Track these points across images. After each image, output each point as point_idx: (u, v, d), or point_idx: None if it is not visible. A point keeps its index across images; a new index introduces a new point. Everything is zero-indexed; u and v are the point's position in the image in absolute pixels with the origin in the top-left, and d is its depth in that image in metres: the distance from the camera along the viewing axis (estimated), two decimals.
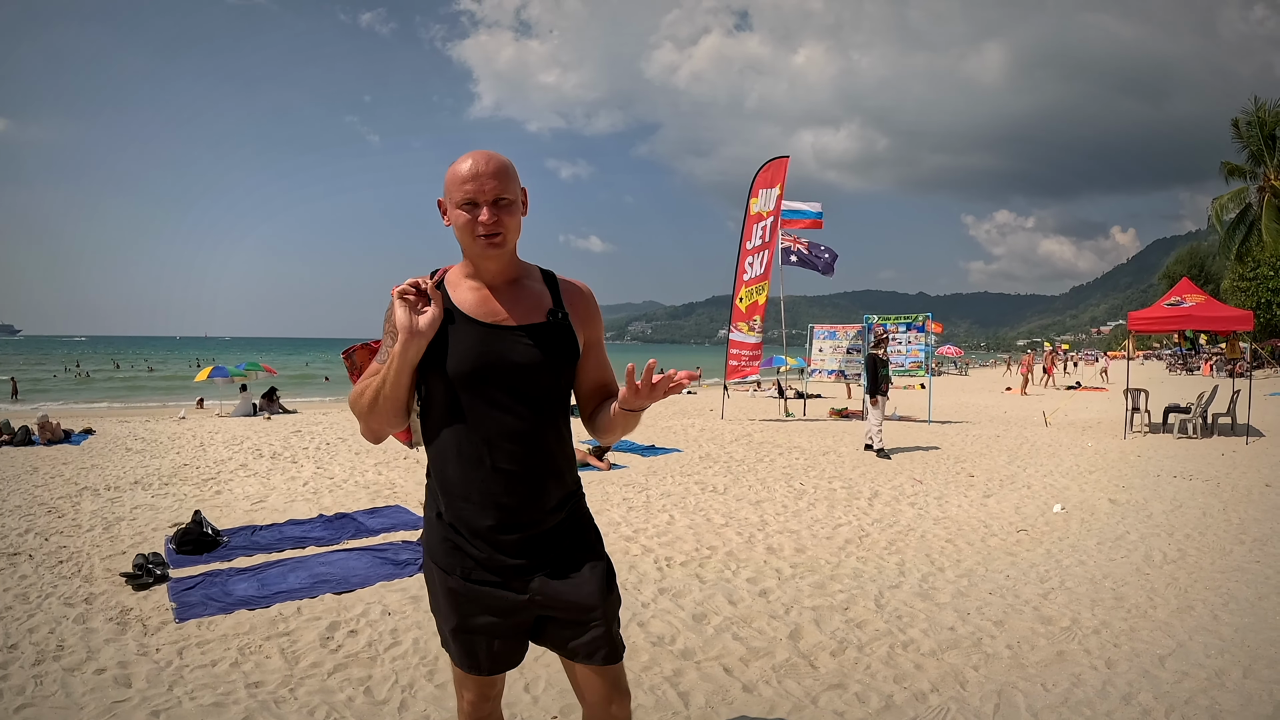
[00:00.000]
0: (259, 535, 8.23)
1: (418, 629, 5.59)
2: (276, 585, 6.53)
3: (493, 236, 2.54)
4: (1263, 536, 8.44)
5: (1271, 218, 47.99)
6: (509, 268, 2.68)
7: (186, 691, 4.59)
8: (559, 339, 2.65)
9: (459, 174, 2.52)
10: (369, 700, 4.53)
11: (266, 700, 4.50)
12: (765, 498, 10.47)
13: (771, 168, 21.28)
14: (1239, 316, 18.97)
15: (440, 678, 4.81)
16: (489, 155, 2.56)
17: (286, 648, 5.26)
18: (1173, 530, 8.74)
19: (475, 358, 2.57)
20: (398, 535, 8.28)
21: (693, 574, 6.99)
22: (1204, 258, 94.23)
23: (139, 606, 6.04)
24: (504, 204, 2.54)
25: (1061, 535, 8.52)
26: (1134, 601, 6.36)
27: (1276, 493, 10.99)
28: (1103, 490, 11.15)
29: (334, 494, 10.66)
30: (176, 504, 9.82)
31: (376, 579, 6.70)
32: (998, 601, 6.35)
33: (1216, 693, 4.71)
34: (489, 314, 2.63)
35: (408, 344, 2.52)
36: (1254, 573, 7.16)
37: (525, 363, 2.59)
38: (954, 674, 4.98)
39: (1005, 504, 10.17)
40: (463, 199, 2.52)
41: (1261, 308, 62.21)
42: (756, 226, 21.17)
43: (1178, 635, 5.64)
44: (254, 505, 9.85)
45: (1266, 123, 48.01)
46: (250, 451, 14.92)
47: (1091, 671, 5.03)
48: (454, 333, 2.60)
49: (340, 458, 14.12)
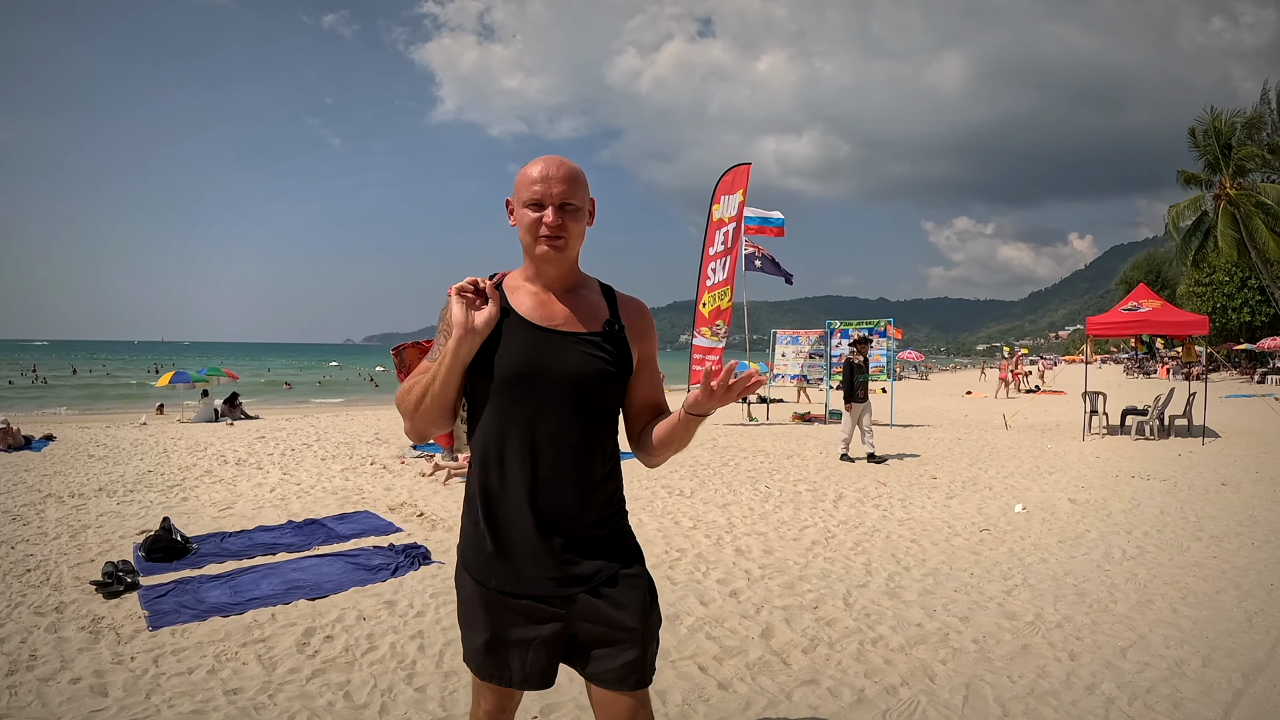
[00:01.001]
0: (229, 542, 8.21)
1: (394, 634, 5.62)
2: (250, 592, 6.53)
3: (555, 239, 2.53)
4: (1219, 533, 8.67)
5: (1227, 225, 48.62)
6: (569, 275, 2.67)
7: (165, 700, 4.60)
8: (614, 350, 2.63)
9: (529, 175, 2.53)
10: (349, 704, 4.56)
11: (246, 707, 4.52)
12: (732, 501, 10.56)
13: (734, 174, 21.40)
14: (1194, 321, 19.27)
15: (419, 681, 4.86)
16: (561, 160, 2.58)
17: (263, 654, 5.27)
18: (1131, 528, 8.93)
19: (526, 360, 2.55)
20: (369, 541, 8.29)
21: (664, 576, 7.05)
22: (1161, 264, 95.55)
23: (111, 615, 6.02)
24: (570, 209, 2.54)
25: (1023, 534, 8.69)
26: (1095, 597, 6.54)
27: (1232, 491, 11.25)
28: (1063, 491, 11.37)
29: (302, 500, 10.64)
30: (143, 511, 9.77)
31: (350, 584, 6.72)
32: (963, 599, 6.50)
33: (1177, 681, 4.88)
34: (545, 318, 2.61)
35: (461, 341, 2.50)
36: (1211, 568, 7.38)
37: (578, 370, 2.56)
38: (923, 668, 5.10)
39: (968, 505, 10.34)
40: (530, 199, 2.53)
41: (1217, 312, 63.32)
42: (719, 232, 21.27)
43: (1138, 628, 5.80)
44: (222, 512, 9.81)
45: (1222, 132, 48.63)
46: (215, 458, 14.84)
47: (1056, 664, 5.18)
48: (508, 334, 2.57)
49: (306, 464, 14.08)
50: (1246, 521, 9.27)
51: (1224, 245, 49.54)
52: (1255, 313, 62.15)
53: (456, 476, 11.80)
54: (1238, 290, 63.47)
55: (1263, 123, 53.35)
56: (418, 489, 11.36)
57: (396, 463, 14.05)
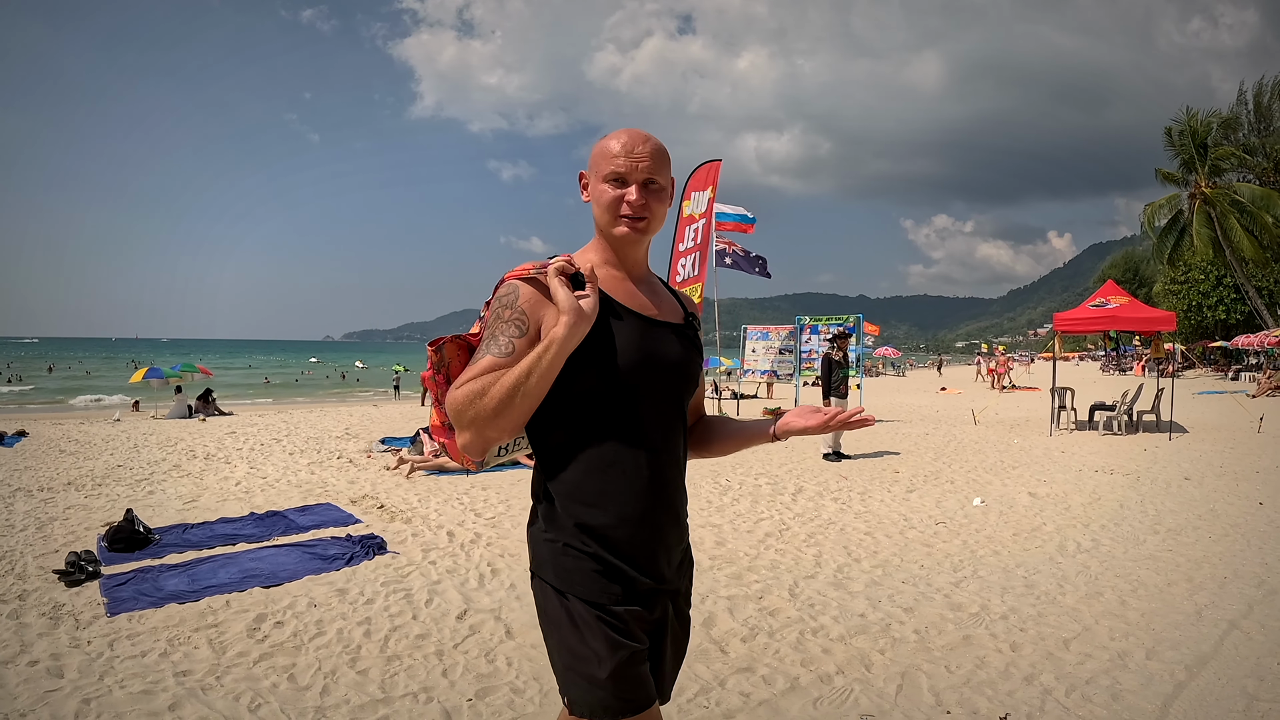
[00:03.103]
0: (190, 533, 8.31)
1: (342, 620, 5.72)
2: (206, 580, 6.63)
3: (637, 220, 2.32)
4: (1177, 527, 8.72)
5: (1202, 223, 48.98)
6: (644, 260, 2.49)
7: (117, 681, 4.70)
8: (695, 343, 2.47)
9: (610, 148, 2.32)
10: (292, 686, 4.66)
11: (194, 688, 4.61)
12: (690, 494, 10.43)
13: (704, 170, 21.36)
14: (1162, 318, 19.41)
15: (362, 665, 4.96)
16: (646, 134, 2.35)
17: (214, 639, 5.37)
18: (1089, 521, 8.99)
19: (638, 351, 2.30)
20: (327, 531, 8.39)
21: None
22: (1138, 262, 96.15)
23: (71, 602, 6.11)
24: (654, 188, 2.33)
25: (979, 528, 8.73)
26: (1044, 588, 6.57)
27: (1194, 485, 11.32)
28: (1024, 485, 11.43)
29: (266, 493, 10.71)
30: (109, 504, 9.84)
31: (304, 573, 6.82)
32: (909, 590, 6.54)
33: (1118, 673, 4.90)
34: (641, 306, 2.38)
35: (573, 329, 2.15)
36: (1165, 560, 7.41)
37: (679, 362, 2.38)
38: (860, 657, 5.15)
39: (927, 499, 10.39)
40: (611, 173, 2.30)
41: (1193, 310, 63.65)
42: (689, 229, 21.22)
43: (1084, 620, 5.84)
44: (186, 505, 9.89)
45: (1198, 132, 48.98)
46: (184, 453, 14.87)
47: (996, 654, 5.20)
48: (612, 323, 2.30)
49: (274, 458, 14.13)
50: (1206, 515, 9.34)
51: (1199, 243, 49.93)
52: (1230, 310, 62.51)
53: (420, 470, 11.88)
54: (1213, 288, 63.83)
55: (1239, 123, 53.87)
56: (381, 482, 11.45)
57: (363, 457, 14.13)
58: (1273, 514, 9.40)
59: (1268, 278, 54.60)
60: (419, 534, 8.25)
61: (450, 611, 5.90)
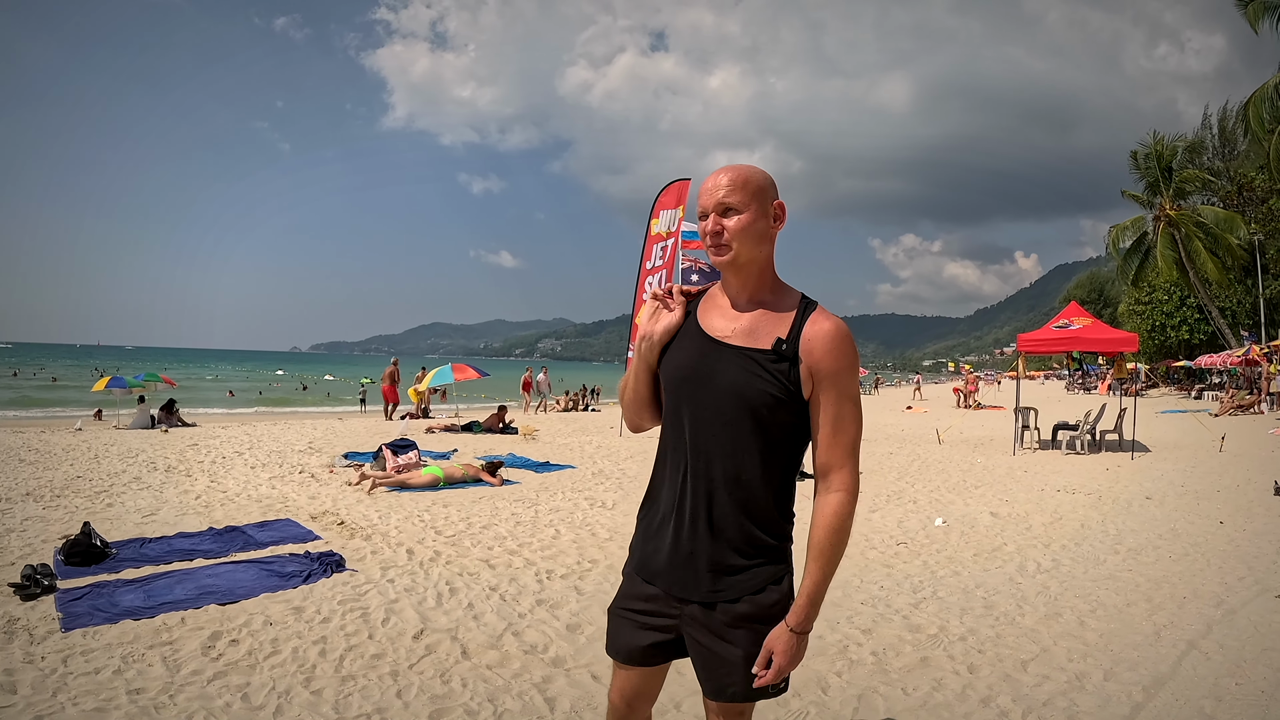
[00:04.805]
0: (148, 548, 8.22)
1: (298, 638, 5.69)
2: (163, 596, 6.57)
3: (716, 245, 2.52)
4: (1137, 546, 8.79)
5: (1166, 245, 49.63)
6: (752, 285, 2.59)
7: (70, 698, 4.66)
8: (781, 371, 2.48)
9: (702, 186, 2.57)
10: (246, 705, 4.63)
11: (147, 706, 4.58)
12: None
13: (674, 189, 21.37)
14: (1124, 339, 19.62)
15: (317, 685, 4.93)
16: (729, 166, 2.54)
17: (169, 656, 5.32)
18: (1049, 541, 9.06)
19: (690, 367, 2.56)
20: (286, 548, 8.31)
21: (572, 586, 7.14)
22: (1103, 283, 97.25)
23: (26, 616, 6.04)
24: (730, 212, 2.48)
25: (940, 547, 8.77)
26: (1003, 609, 6.60)
27: (1156, 505, 11.44)
28: (986, 504, 11.50)
29: (225, 507, 10.59)
30: (67, 516, 9.71)
31: (261, 590, 6.76)
32: (868, 611, 6.54)
33: (1075, 695, 4.93)
34: (719, 329, 2.57)
35: (642, 342, 2.71)
36: (1125, 580, 7.47)
37: (739, 385, 2.48)
38: (817, 679, 5.14)
39: (889, 518, 10.43)
40: (700, 211, 2.53)
41: (1156, 330, 64.36)
42: (656, 247, 21.24)
43: (1042, 641, 5.87)
44: (145, 518, 9.77)
45: (1164, 156, 49.62)
46: (145, 465, 14.70)
47: (954, 676, 5.23)
48: (680, 340, 2.64)
49: (235, 471, 13.98)
50: (1167, 534, 9.42)
51: (1163, 265, 50.61)
52: (1194, 331, 63.26)
53: (382, 486, 11.83)
54: (1176, 309, 64.58)
55: (1204, 147, 54.67)
56: (342, 498, 11.34)
57: (325, 472, 14.01)
58: (1233, 533, 9.53)
59: (1231, 298, 55.25)
60: (378, 551, 8.20)
61: (407, 631, 5.88)
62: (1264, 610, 6.63)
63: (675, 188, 21.45)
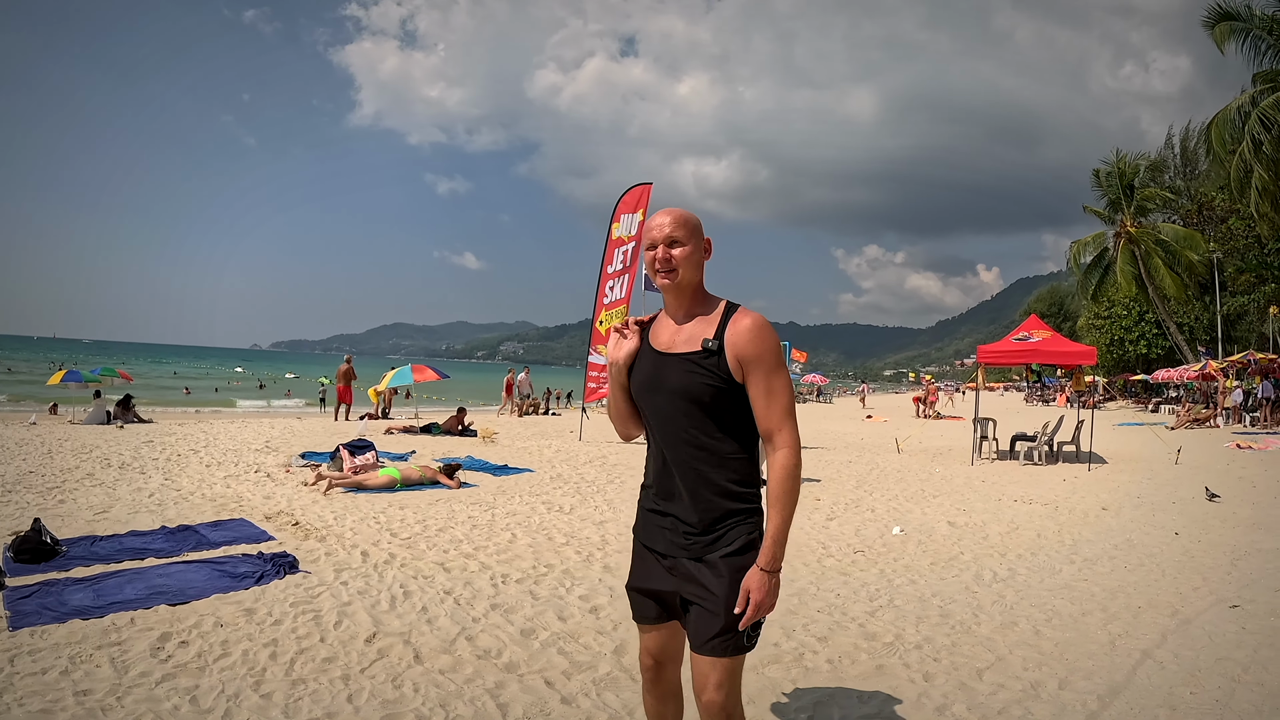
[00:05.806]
0: (99, 546, 8.12)
1: (248, 640, 5.63)
2: (112, 596, 6.49)
3: (667, 271, 3.16)
4: (1093, 556, 8.86)
5: (1126, 261, 50.35)
6: (688, 302, 3.23)
7: (16, 698, 4.60)
8: (713, 366, 3.07)
9: (648, 225, 3.23)
10: (194, 709, 4.58)
11: (94, 708, 4.53)
12: (610, 518, 10.55)
13: (635, 193, 21.36)
14: (1083, 352, 19.78)
15: (266, 688, 4.89)
16: (670, 209, 3.22)
17: (117, 657, 5.26)
18: (1006, 551, 9.12)
19: (648, 379, 3.21)
20: (239, 548, 8.22)
21: (527, 591, 7.10)
22: (1064, 297, 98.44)
23: None
24: (675, 244, 3.15)
25: (897, 556, 8.79)
26: (959, 618, 6.62)
27: (1112, 515, 11.54)
28: (943, 514, 11.56)
29: (179, 506, 10.47)
30: (18, 512, 9.58)
31: (213, 591, 6.69)
32: (824, 619, 6.55)
33: (1031, 703, 4.96)
34: (665, 344, 3.21)
35: (610, 366, 3.35)
36: (1080, 590, 7.52)
37: (684, 385, 3.09)
38: (772, 687, 5.17)
39: (846, 527, 10.44)
40: (648, 243, 3.20)
41: (1115, 344, 65.13)
42: (618, 250, 21.23)
43: (998, 649, 5.90)
44: (96, 515, 9.65)
45: (1126, 174, 50.32)
46: (99, 461, 14.51)
47: (909, 684, 5.25)
48: (640, 359, 3.27)
49: (190, 469, 13.83)
50: (1123, 545, 9.50)
51: (1123, 280, 51.32)
52: (1151, 345, 64.07)
53: (338, 487, 11.74)
54: (1135, 323, 65.40)
55: (1166, 166, 55.48)
56: (297, 498, 11.23)
57: (281, 471, 13.87)
58: (1188, 544, 9.62)
59: (1188, 314, 56.05)
60: (332, 553, 8.13)
61: (359, 634, 5.84)
62: (1218, 620, 6.69)
63: (636, 192, 21.44)
